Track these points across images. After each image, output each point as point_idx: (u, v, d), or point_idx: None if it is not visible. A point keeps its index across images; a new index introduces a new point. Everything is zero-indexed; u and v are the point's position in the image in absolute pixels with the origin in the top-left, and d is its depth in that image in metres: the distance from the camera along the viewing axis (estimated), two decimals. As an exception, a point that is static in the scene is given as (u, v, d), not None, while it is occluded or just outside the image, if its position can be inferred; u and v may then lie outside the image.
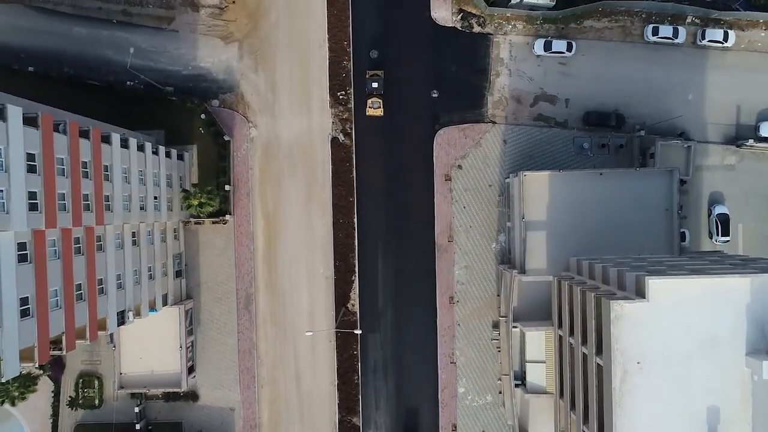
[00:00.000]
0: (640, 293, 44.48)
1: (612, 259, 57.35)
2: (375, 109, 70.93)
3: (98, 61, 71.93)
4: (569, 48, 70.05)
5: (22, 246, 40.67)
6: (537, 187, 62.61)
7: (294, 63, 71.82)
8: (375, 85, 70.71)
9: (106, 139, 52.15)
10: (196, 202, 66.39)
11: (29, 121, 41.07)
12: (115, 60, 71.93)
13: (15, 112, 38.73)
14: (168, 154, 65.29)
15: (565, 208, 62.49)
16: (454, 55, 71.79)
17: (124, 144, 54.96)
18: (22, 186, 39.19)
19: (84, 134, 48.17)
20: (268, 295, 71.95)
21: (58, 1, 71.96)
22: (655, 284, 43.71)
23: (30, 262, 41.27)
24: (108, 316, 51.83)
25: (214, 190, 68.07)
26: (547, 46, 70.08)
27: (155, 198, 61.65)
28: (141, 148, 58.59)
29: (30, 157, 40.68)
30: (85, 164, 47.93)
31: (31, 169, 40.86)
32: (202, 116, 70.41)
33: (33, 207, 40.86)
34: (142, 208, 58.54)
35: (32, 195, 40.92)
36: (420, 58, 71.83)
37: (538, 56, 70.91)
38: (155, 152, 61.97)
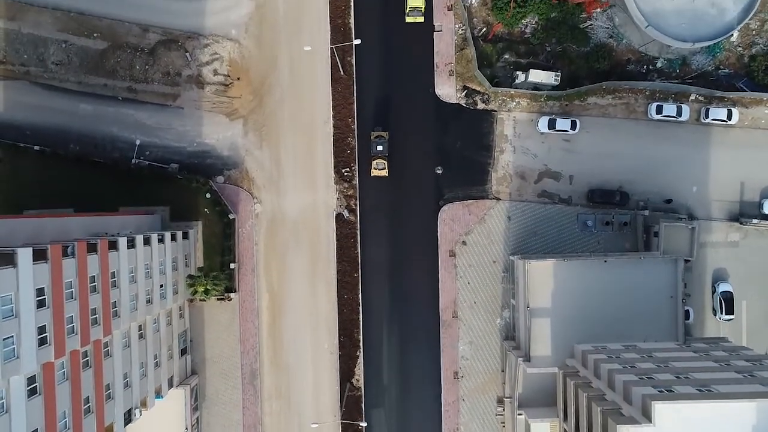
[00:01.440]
0: (647, 415, 44.66)
1: (617, 351, 57.67)
2: (380, 170, 71.17)
3: (104, 137, 72.21)
4: (573, 126, 70.24)
5: (31, 379, 40.96)
6: (541, 275, 62.81)
7: (299, 139, 72.09)
8: (380, 147, 70.92)
9: (113, 245, 52.36)
10: (201, 289, 66.69)
11: (38, 254, 41.32)
12: (120, 136, 72.22)
13: (25, 255, 39.00)
14: (173, 237, 65.45)
15: (570, 295, 62.71)
16: (459, 131, 72.02)
17: (131, 244, 55.17)
18: (32, 327, 39.48)
19: (91, 248, 48.39)
20: (273, 371, 72.19)
21: (63, 77, 72.21)
22: (661, 408, 43.89)
23: (39, 394, 41.56)
24: (115, 421, 52.09)
25: (219, 276, 68.31)
26: (552, 124, 70.26)
27: (161, 286, 61.85)
28: (147, 241, 58.80)
29: (39, 291, 40.96)
30: (93, 278, 48.19)
31: (41, 304, 41.14)
32: (207, 195, 70.66)
33: (42, 341, 41.15)
34: (148, 302, 58.79)
35: (41, 329, 41.20)
36: (424, 135, 72.07)
37: (543, 133, 71.07)
38: (161, 240, 62.12)
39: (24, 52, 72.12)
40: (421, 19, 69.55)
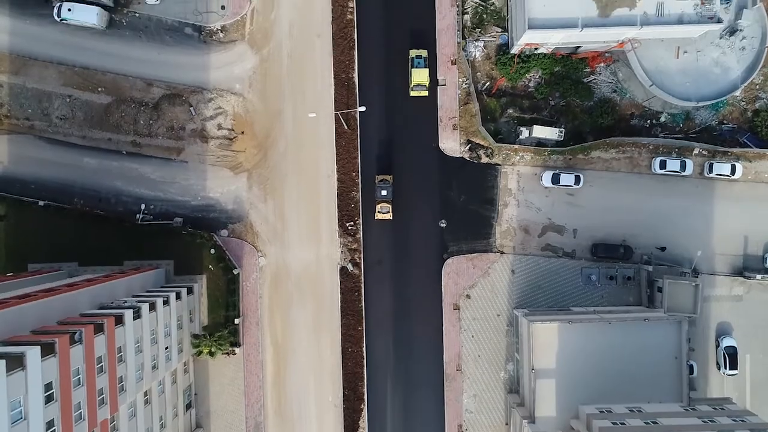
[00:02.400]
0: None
1: (622, 415, 57.88)
2: (384, 213, 71.32)
3: (108, 191, 72.26)
4: (577, 181, 70.34)
5: (38, 475, 41.05)
6: (546, 336, 63.00)
7: (303, 193, 72.19)
8: (384, 192, 71.03)
9: (119, 319, 52.48)
10: (206, 350, 66.86)
11: (46, 348, 41.41)
12: (125, 190, 72.31)
13: (33, 355, 39.11)
14: (178, 296, 65.54)
15: (575, 355, 62.96)
16: (463, 185, 72.13)
17: (137, 314, 55.30)
18: (40, 425, 39.56)
19: (98, 328, 48.51)
20: (277, 423, 72.32)
21: (68, 132, 72.28)
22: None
23: (48, 486, 41.69)
24: (121, 496, 52.27)
25: (223, 335, 68.45)
26: (556, 179, 70.35)
27: (166, 348, 61.98)
28: (152, 306, 58.93)
29: (47, 387, 41.07)
30: (99, 359, 48.31)
31: (49, 399, 41.25)
32: (212, 251, 70.77)
33: (50, 436, 41.28)
34: (154, 368, 58.91)
35: (49, 424, 41.30)
36: (428, 189, 72.19)
37: (547, 187, 71.14)
38: (166, 302, 62.25)
39: (28, 107, 72.21)
40: (425, 94, 69.89)
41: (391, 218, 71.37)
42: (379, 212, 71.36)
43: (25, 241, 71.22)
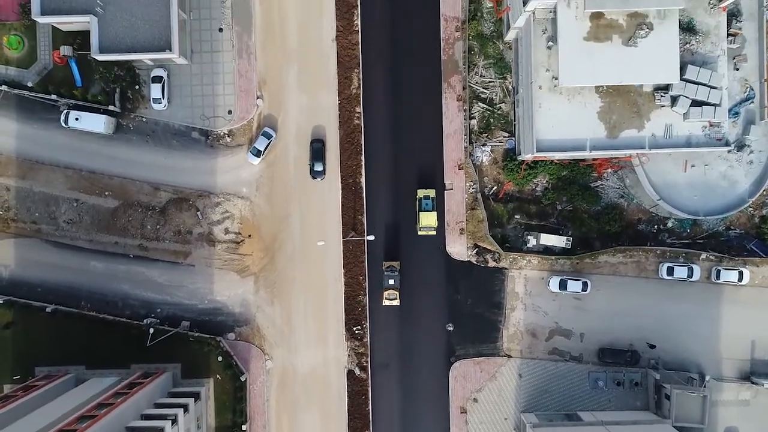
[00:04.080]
0: None
1: None
2: (391, 300, 71.36)
3: (115, 295, 72.28)
4: (584, 287, 70.36)
5: None
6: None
7: (310, 296, 72.25)
8: (392, 281, 71.04)
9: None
10: (214, 466, 66.97)
11: None
12: (132, 294, 72.33)
13: None
14: (186, 409, 65.47)
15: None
16: (470, 288, 72.18)
17: (174, 422, 55.64)
18: None
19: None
20: None
21: (75, 235, 72.31)
22: None
23: None
24: None
25: (232, 446, 68.67)
26: (563, 285, 70.39)
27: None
28: (174, 421, 59.17)
29: None
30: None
31: None
32: (219, 359, 70.76)
33: None
34: (162, 495, 58.82)
35: None
36: (435, 292, 72.25)
37: (554, 292, 71.17)
38: (174, 421, 62.19)
39: (35, 210, 72.24)
40: (433, 233, 70.10)
41: (398, 304, 71.26)
42: (386, 299, 71.46)
43: (32, 345, 71.34)
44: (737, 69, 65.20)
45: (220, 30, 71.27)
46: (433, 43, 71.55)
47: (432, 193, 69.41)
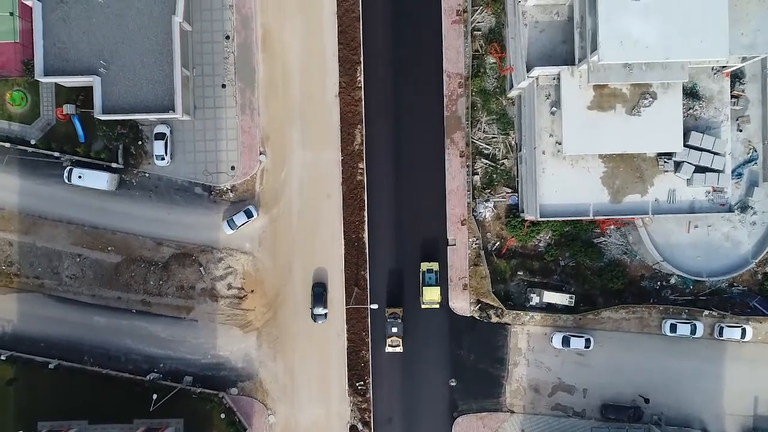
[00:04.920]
0: None
1: None
2: (394, 347, 71.37)
3: (118, 350, 72.26)
4: (587, 344, 70.38)
5: None
6: None
7: (312, 351, 72.26)
8: (395, 329, 71.03)
9: None
10: None
11: None
12: (134, 349, 72.35)
13: None
14: (189, 469, 65.61)
15: None
16: (473, 344, 72.20)
17: None
18: None
19: None
20: None
21: (77, 290, 72.30)
22: None
23: None
24: None
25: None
26: (566, 342, 70.41)
27: None
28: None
29: None
30: None
31: None
32: (222, 416, 70.77)
33: None
34: None
35: None
36: (438, 347, 72.23)
37: (557, 347, 71.18)
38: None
39: (38, 265, 72.27)
40: (436, 306, 70.13)
41: (402, 351, 71.18)
42: (390, 345, 71.45)
43: (34, 400, 71.24)
44: (740, 130, 65.23)
45: (223, 86, 71.26)
46: (436, 99, 71.61)
47: (435, 266, 69.46)
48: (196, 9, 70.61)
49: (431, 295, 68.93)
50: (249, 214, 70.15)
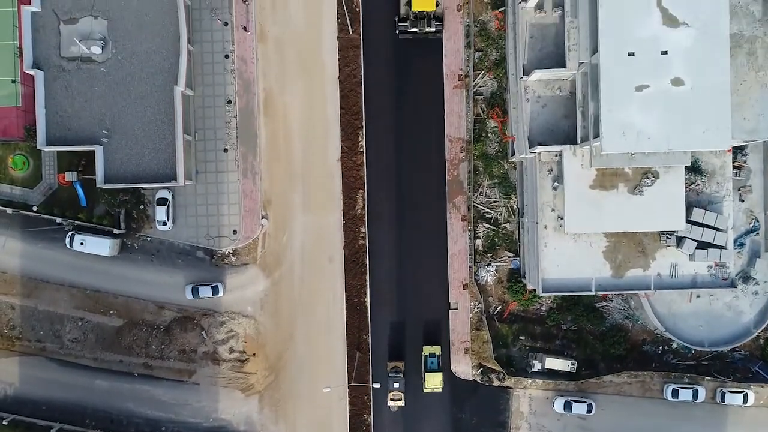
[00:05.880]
0: None
1: None
2: (396, 401, 71.34)
3: (120, 413, 72.31)
4: (589, 410, 70.34)
5: None
6: None
7: (314, 415, 72.30)
8: (396, 384, 71.00)
9: None
10: None
11: None
12: (136, 412, 72.39)
13: None
14: None
15: None
16: (474, 407, 72.19)
17: None
18: None
19: None
20: None
21: (79, 354, 72.35)
22: None
23: None
24: None
25: None
26: (568, 407, 70.36)
27: None
28: None
29: None
30: None
31: None
32: (224, 481, 70.86)
33: None
34: None
35: None
36: (440, 411, 72.25)
37: (558, 412, 71.17)
38: None
39: (40, 329, 72.32)
40: (439, 391, 70.15)
41: (404, 405, 71.06)
42: (392, 399, 71.41)
43: (36, 463, 71.39)
44: (742, 200, 65.30)
45: (225, 150, 71.31)
46: (437, 163, 71.65)
47: (437, 350, 69.53)
48: (198, 73, 70.63)
49: (433, 381, 69.12)
50: (215, 291, 69.98)
